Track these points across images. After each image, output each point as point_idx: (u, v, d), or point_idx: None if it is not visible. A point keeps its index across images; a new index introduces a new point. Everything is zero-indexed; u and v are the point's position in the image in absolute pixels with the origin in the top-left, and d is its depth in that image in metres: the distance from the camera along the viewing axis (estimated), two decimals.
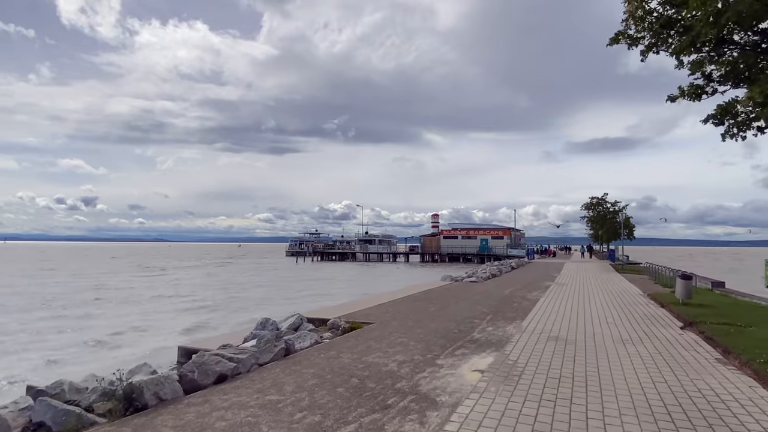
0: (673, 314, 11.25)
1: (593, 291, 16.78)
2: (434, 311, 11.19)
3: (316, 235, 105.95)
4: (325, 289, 31.44)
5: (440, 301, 13.06)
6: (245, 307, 21.99)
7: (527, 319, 10.26)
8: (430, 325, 9.29)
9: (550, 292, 15.90)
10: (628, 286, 19.04)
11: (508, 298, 13.97)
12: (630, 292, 16.57)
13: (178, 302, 23.64)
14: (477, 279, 20.04)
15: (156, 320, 18.26)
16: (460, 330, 8.78)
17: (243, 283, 34.66)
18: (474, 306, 12.21)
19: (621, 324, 9.85)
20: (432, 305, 12.25)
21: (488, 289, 16.80)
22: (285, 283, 35.10)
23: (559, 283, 19.67)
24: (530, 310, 11.70)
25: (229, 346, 6.95)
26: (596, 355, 7.00)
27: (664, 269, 21.78)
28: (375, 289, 28.05)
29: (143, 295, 27.30)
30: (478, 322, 9.75)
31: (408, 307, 11.77)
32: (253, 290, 29.99)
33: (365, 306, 11.86)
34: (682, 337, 8.50)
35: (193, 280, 38.71)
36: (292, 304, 22.23)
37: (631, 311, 11.75)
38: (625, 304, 13.20)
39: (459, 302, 12.95)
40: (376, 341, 7.63)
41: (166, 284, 34.21)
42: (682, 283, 12.28)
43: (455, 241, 72.45)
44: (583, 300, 13.97)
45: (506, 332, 8.62)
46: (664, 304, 12.86)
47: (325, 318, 9.59)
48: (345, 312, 10.62)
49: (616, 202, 51.44)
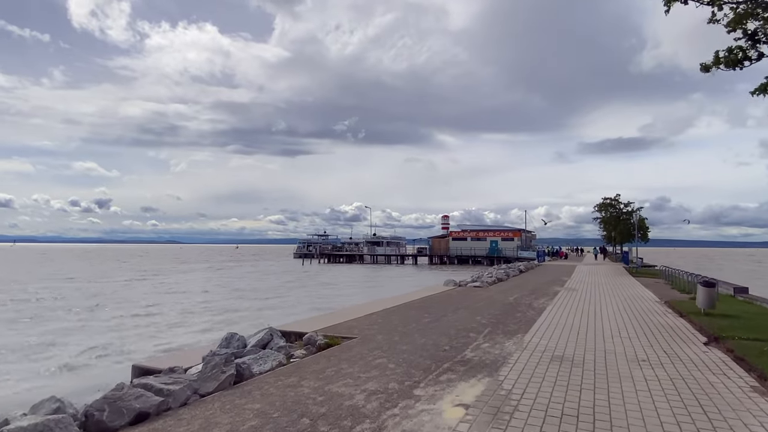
0: (694, 326, 10.07)
1: (605, 297, 15.59)
2: (428, 322, 10.14)
3: (324, 236, 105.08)
4: (322, 294, 30.29)
5: (437, 310, 12.00)
6: (228, 318, 20.54)
7: (530, 332, 9.17)
8: (419, 340, 8.24)
9: (559, 299, 14.75)
10: (642, 291, 17.79)
11: (512, 306, 12.87)
12: (645, 298, 15.35)
13: (160, 311, 22.50)
14: (481, 284, 18.94)
15: (130, 333, 17.27)
16: (451, 347, 7.73)
17: (239, 290, 33.00)
18: (473, 316, 11.13)
19: (636, 338, 8.72)
20: (427, 315, 11.19)
21: (492, 295, 15.69)
22: (281, 289, 33.53)
23: (569, 288, 18.49)
24: (535, 320, 10.60)
25: (176, 370, 5.99)
26: (607, 381, 5.91)
27: (680, 273, 20.46)
28: (375, 294, 27.05)
29: (134, 302, 26.60)
30: (475, 336, 8.68)
31: (400, 318, 10.73)
32: (245, 297, 28.50)
33: (353, 316, 10.85)
34: (707, 357, 7.36)
35: (187, 285, 37.78)
36: (280, 314, 21.22)
37: (647, 322, 10.59)
38: (640, 312, 12.03)
39: (458, 311, 11.88)
40: (350, 362, 6.61)
41: (159, 290, 33.25)
42: (704, 291, 11.06)
43: (464, 243, 71.18)
44: (593, 308, 12.81)
45: (504, 350, 7.54)
46: (683, 314, 11.66)
47: (303, 332, 8.60)
48: (328, 324, 9.62)
49: (629, 203, 49.87)
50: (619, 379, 6.04)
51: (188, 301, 26.77)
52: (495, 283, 20.35)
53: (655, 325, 10.12)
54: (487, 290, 17.26)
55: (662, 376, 6.17)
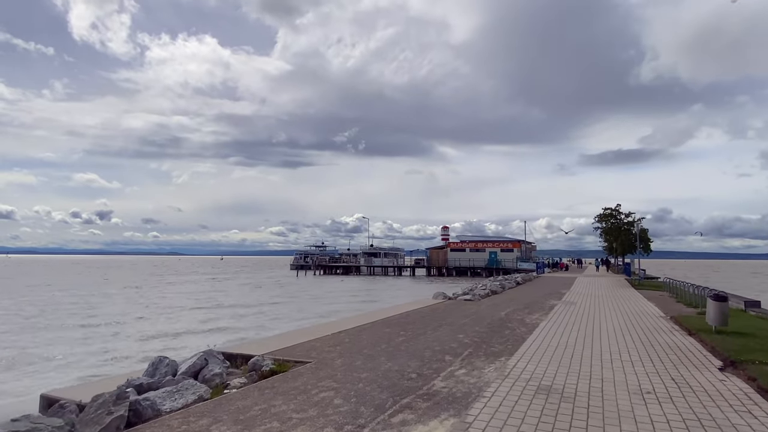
0: (705, 347, 8.85)
1: (606, 312, 14.35)
2: (402, 342, 8.93)
3: (322, 248, 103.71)
4: (305, 309, 28.61)
5: (417, 327, 10.78)
6: (183, 337, 18.72)
7: (517, 354, 7.95)
8: (384, 365, 7.03)
9: (555, 314, 13.51)
10: (646, 305, 16.54)
11: (501, 323, 11.64)
12: (649, 313, 14.11)
13: (115, 327, 21.04)
14: (473, 297, 17.69)
15: (67, 352, 15.93)
16: (419, 374, 6.52)
17: (219, 305, 30.64)
18: (455, 334, 9.91)
19: (639, 362, 7.50)
20: (403, 333, 9.98)
21: (482, 309, 14.45)
22: (266, 304, 31.41)
23: (567, 302, 17.24)
24: (524, 340, 9.37)
25: (67, 406, 4.81)
26: (603, 423, 4.70)
27: (686, 285, 19.20)
28: (362, 308, 25.79)
29: (93, 315, 25.36)
30: (451, 359, 7.47)
31: (371, 336, 9.52)
32: (218, 313, 26.18)
33: (320, 334, 9.65)
34: (725, 387, 6.14)
35: (165, 298, 36.16)
36: (248, 331, 19.84)
37: (652, 341, 9.36)
38: (644, 330, 10.79)
39: (439, 328, 10.66)
40: (287, 397, 5.41)
41: (130, 303, 31.56)
42: (716, 306, 9.84)
43: (463, 254, 69.78)
44: (592, 325, 11.58)
45: (482, 379, 6.33)
46: (692, 332, 10.42)
47: (251, 355, 7.41)
48: (285, 344, 8.41)
49: (630, 213, 48.66)
50: (618, 419, 4.83)
51: (155, 315, 25.38)
52: (488, 296, 19.10)
53: (661, 346, 8.90)
54: (477, 304, 16.03)
55: (672, 415, 4.97)
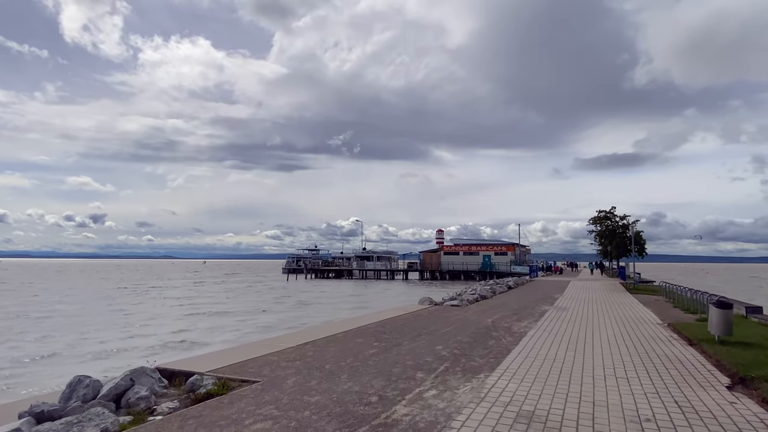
0: (709, 359, 7.96)
1: (600, 318, 13.47)
2: (372, 355, 7.99)
3: (315, 251, 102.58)
4: (286, 315, 27.18)
5: (393, 337, 9.84)
6: (135, 347, 17.40)
7: (498, 369, 7.03)
8: (343, 385, 6.09)
9: (545, 321, 12.62)
10: (642, 311, 15.68)
11: (486, 332, 10.72)
12: (645, 320, 13.24)
13: (69, 335, 19.95)
14: (460, 302, 16.78)
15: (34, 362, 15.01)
16: (381, 396, 5.58)
17: (197, 312, 28.87)
18: (434, 345, 8.98)
19: (636, 379, 6.60)
20: (377, 344, 9.04)
21: (468, 316, 13.54)
22: (247, 311, 29.71)
23: (559, 308, 16.36)
24: (509, 351, 8.46)
25: None
26: None
27: (683, 290, 18.38)
28: (347, 314, 24.85)
29: (51, 322, 24.30)
30: (422, 377, 6.54)
31: (340, 348, 8.57)
32: (190, 321, 24.50)
33: (283, 346, 8.69)
34: (737, 412, 5.24)
35: (144, 303, 34.95)
36: (213, 339, 18.80)
37: (650, 353, 8.47)
38: (641, 339, 9.91)
39: (418, 338, 9.73)
40: (212, 429, 4.46)
41: (100, 309, 30.31)
42: (719, 314, 8.96)
43: (456, 258, 68.92)
44: (584, 333, 10.69)
45: (453, 402, 5.40)
46: (693, 341, 9.54)
47: (192, 371, 6.45)
48: (238, 359, 7.45)
49: (625, 216, 47.96)
50: None
51: (121, 321, 24.20)
52: (477, 301, 18.19)
53: (660, 359, 8.00)
54: (464, 310, 15.11)
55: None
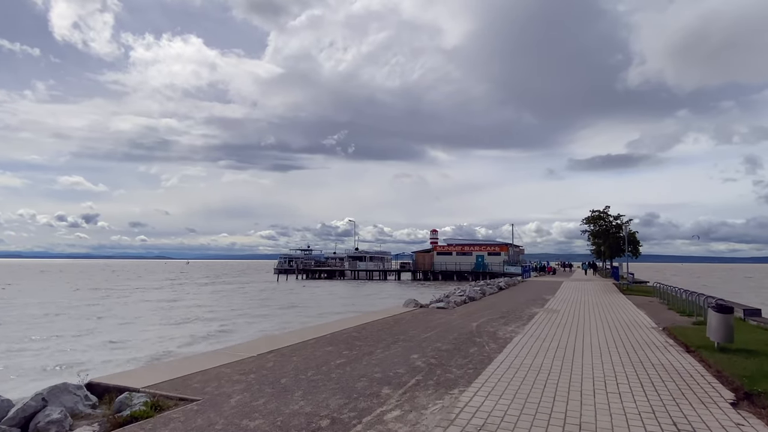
0: (709, 369, 7.24)
1: (591, 322, 12.76)
2: (337, 366, 7.19)
3: (308, 251, 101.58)
4: (260, 320, 25.74)
5: (367, 344, 9.06)
6: (87, 357, 16.70)
7: (476, 383, 6.27)
8: (295, 404, 5.30)
9: (533, 325, 11.88)
10: (635, 313, 15.00)
11: (469, 337, 9.96)
12: (639, 323, 12.54)
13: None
14: (447, 304, 16.02)
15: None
16: (333, 420, 4.78)
17: (172, 316, 27.24)
18: (409, 353, 8.20)
19: (629, 395, 5.85)
20: (347, 352, 8.25)
21: (452, 320, 12.78)
22: (217, 320, 26.95)
23: (550, 310, 15.64)
24: (491, 360, 7.70)
25: None
26: None
27: (677, 291, 17.73)
28: (329, 316, 24.01)
29: None
30: (388, 394, 5.76)
31: (305, 358, 7.78)
32: (161, 331, 22.99)
33: (242, 356, 7.89)
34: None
35: (121, 307, 34.06)
36: (174, 346, 17.94)
37: (644, 362, 7.74)
38: (635, 345, 9.18)
39: (393, 345, 8.95)
40: None
41: (69, 313, 29.61)
42: (720, 319, 8.24)
43: (449, 258, 68.23)
44: (574, 338, 9.95)
45: (416, 428, 4.61)
46: (690, 348, 8.83)
47: (127, 387, 5.65)
48: (183, 372, 6.64)
49: (619, 216, 47.45)
50: None
51: (85, 326, 23.04)
52: (464, 303, 17.44)
53: (656, 369, 7.27)
54: (450, 313, 14.35)
55: None
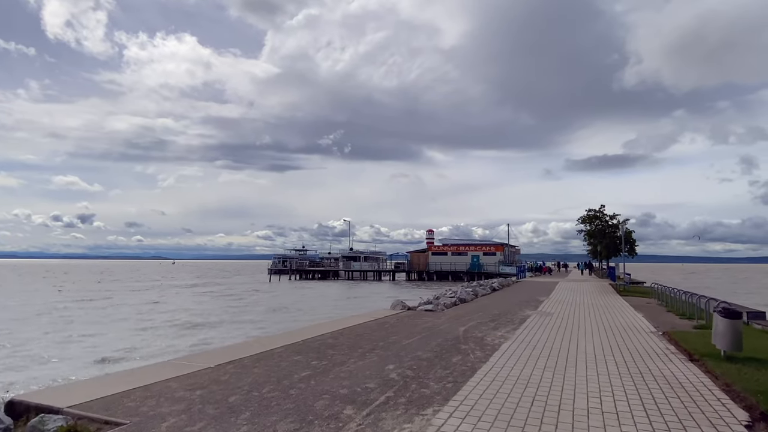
0: (717, 383, 6.47)
1: (587, 325, 12.00)
2: (299, 380, 6.39)
3: (303, 251, 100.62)
4: (238, 324, 24.41)
5: (340, 352, 8.26)
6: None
7: (454, 401, 5.48)
8: (237, 430, 4.50)
9: (525, 330, 11.11)
10: (633, 316, 14.26)
11: (454, 344, 9.17)
12: (638, 327, 11.80)
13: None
14: (435, 307, 15.24)
15: None
16: None
17: (147, 319, 25.54)
18: (385, 363, 7.41)
19: (628, 415, 5.06)
20: (316, 362, 7.45)
21: (439, 324, 12.00)
22: (207, 318, 26.83)
23: (543, 312, 14.89)
24: (474, 372, 6.92)
25: None
26: None
27: (676, 292, 17.02)
28: (314, 318, 23.26)
29: None
30: (350, 416, 4.96)
31: (266, 370, 6.97)
32: (131, 338, 20.53)
33: (196, 367, 7.08)
34: None
35: (97, 310, 33.25)
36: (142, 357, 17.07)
37: (644, 373, 6.97)
38: (633, 353, 8.41)
39: (369, 354, 8.16)
40: None
41: (47, 321, 28.71)
42: (727, 325, 7.48)
43: (444, 258, 67.56)
44: (568, 345, 9.19)
45: None
46: (694, 357, 8.07)
47: (50, 406, 4.85)
48: (126, 387, 5.82)
49: (615, 215, 46.77)
50: None
51: (48, 330, 22.12)
52: (454, 305, 16.67)
53: (657, 381, 6.50)
54: (438, 316, 13.57)
55: None
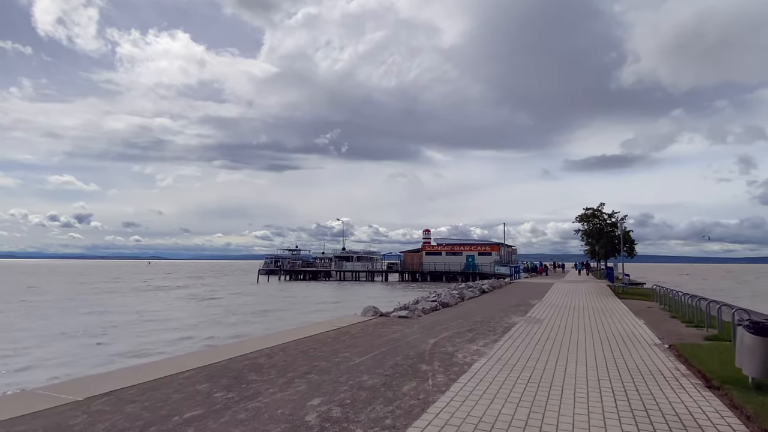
0: (749, 426, 4.75)
1: (581, 335, 10.29)
2: (176, 425, 4.65)
3: (296, 251, 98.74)
4: (196, 333, 21.70)
5: (266, 377, 6.52)
6: None
7: None
8: None
9: (506, 343, 9.38)
10: (633, 323, 12.56)
11: (414, 363, 7.43)
12: (639, 337, 10.09)
13: None
14: (411, 313, 13.53)
15: None
16: None
17: (88, 331, 22.12)
18: (312, 394, 5.67)
19: None
20: (221, 395, 5.71)
21: (407, 334, 10.26)
22: (150, 326, 23.86)
23: (532, 319, 13.18)
24: (426, 408, 5.18)
25: None
26: None
27: (680, 295, 15.31)
28: (272, 326, 21.50)
29: None
30: None
31: (145, 407, 5.22)
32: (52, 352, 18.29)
33: (62, 399, 5.36)
34: None
35: (54, 319, 31.53)
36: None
37: (651, 409, 5.23)
38: (635, 377, 6.68)
39: (299, 380, 6.41)
40: None
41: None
42: (758, 345, 5.73)
43: (438, 258, 65.83)
44: (555, 364, 7.46)
45: None
46: (713, 384, 6.33)
47: None
48: None
49: (613, 213, 45.12)
50: None
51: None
52: (434, 310, 14.94)
53: (670, 424, 4.76)
54: (410, 324, 11.84)
55: None
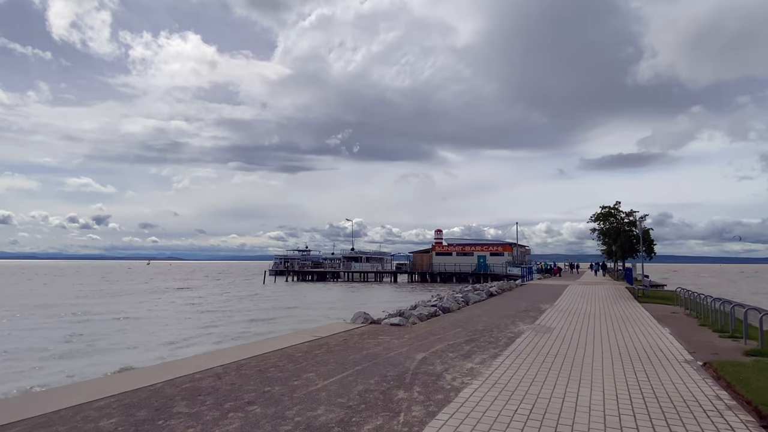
0: None
1: (597, 349, 8.81)
2: None
3: (306, 252, 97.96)
4: (158, 341, 20.01)
5: (191, 410, 5.21)
6: None
7: None
8: None
9: (507, 359, 7.95)
10: (658, 332, 11.02)
11: (389, 389, 6.05)
12: (666, 351, 8.57)
13: None
14: (405, 320, 12.14)
15: None
16: None
17: (72, 337, 20.80)
18: None
19: None
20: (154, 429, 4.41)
21: (393, 347, 8.88)
22: (126, 336, 21.68)
23: (541, 327, 11.70)
24: None
25: None
26: None
27: (708, 300, 13.67)
28: (269, 329, 20.25)
29: None
30: None
31: None
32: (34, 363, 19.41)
33: None
34: None
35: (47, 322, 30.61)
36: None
37: None
38: (667, 410, 5.19)
39: (231, 415, 5.08)
40: None
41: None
42: None
43: (449, 258, 64.24)
44: (564, 390, 6.01)
45: None
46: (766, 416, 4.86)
47: None
48: None
49: (632, 212, 43.12)
50: None
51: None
52: (432, 316, 13.53)
53: None
54: (400, 334, 10.46)
55: None
